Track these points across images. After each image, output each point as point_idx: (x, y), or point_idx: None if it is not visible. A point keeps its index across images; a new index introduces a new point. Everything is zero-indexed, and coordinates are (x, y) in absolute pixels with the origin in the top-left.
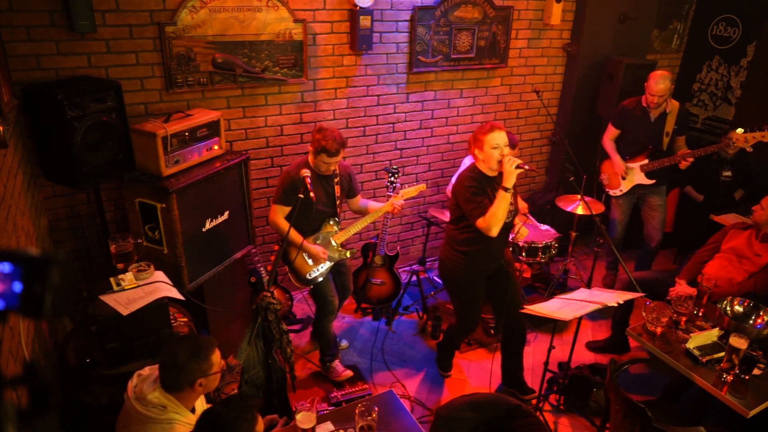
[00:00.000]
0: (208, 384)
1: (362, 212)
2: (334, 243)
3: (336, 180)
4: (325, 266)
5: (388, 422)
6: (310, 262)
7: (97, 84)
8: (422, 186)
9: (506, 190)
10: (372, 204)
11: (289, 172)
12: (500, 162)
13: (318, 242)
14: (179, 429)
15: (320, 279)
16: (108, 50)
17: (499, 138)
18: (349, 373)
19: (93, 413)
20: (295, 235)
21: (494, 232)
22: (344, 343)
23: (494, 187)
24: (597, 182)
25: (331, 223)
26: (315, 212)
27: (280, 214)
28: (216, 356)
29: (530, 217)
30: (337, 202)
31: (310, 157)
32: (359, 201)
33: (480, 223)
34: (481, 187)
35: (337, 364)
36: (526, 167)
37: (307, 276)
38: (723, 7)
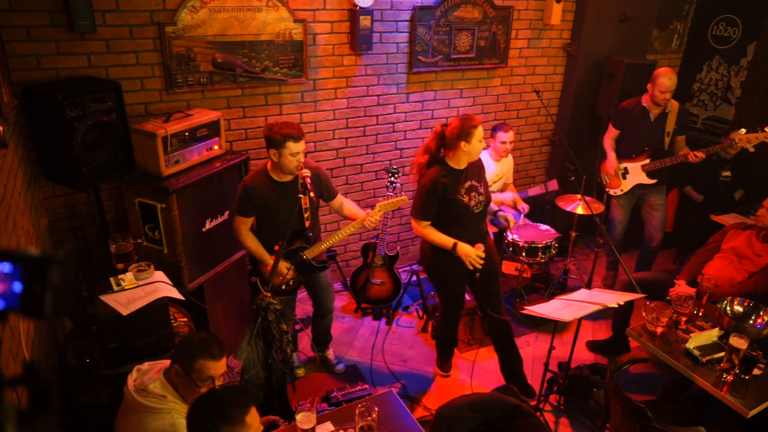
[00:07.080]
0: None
1: (346, 216)
2: (305, 258)
3: (301, 191)
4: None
5: (388, 422)
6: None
7: (97, 84)
8: (404, 198)
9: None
10: (357, 211)
11: (243, 181)
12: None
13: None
14: (177, 419)
15: (288, 288)
16: (108, 50)
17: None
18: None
19: (93, 413)
20: (257, 249)
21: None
22: (340, 368)
23: (466, 180)
24: (597, 182)
25: (302, 238)
26: (280, 225)
27: (241, 225)
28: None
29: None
30: (306, 215)
31: (270, 164)
32: (343, 203)
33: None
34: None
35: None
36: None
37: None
38: (723, 7)
